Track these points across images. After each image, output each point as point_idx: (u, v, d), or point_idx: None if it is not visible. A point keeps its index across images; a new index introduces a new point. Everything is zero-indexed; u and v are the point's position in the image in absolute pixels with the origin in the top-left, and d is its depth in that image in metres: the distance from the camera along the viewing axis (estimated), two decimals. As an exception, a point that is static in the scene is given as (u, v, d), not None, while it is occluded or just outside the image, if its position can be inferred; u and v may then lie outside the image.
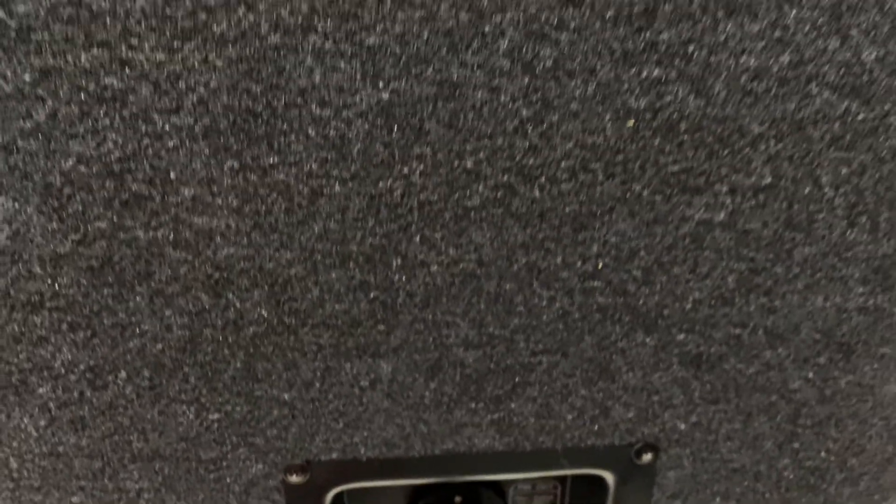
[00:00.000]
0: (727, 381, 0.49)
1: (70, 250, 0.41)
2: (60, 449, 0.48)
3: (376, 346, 0.45)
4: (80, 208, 0.40)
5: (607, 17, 0.37)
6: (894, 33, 0.38)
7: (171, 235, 0.41)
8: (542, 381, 0.48)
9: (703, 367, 0.48)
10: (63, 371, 0.45)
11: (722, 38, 0.38)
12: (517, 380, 0.48)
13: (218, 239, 0.41)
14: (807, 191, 0.42)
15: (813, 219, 0.43)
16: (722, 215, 0.43)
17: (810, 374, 0.49)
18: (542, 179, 0.41)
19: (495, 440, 0.50)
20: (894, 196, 0.43)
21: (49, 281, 0.42)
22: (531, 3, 0.36)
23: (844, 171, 0.42)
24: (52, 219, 0.40)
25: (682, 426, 0.51)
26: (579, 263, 0.44)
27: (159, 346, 0.44)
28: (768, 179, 0.42)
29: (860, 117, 0.40)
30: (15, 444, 0.48)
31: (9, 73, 0.36)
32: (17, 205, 0.39)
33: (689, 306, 0.46)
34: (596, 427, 0.50)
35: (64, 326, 0.43)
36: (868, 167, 0.42)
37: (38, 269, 0.41)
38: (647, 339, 0.47)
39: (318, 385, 0.47)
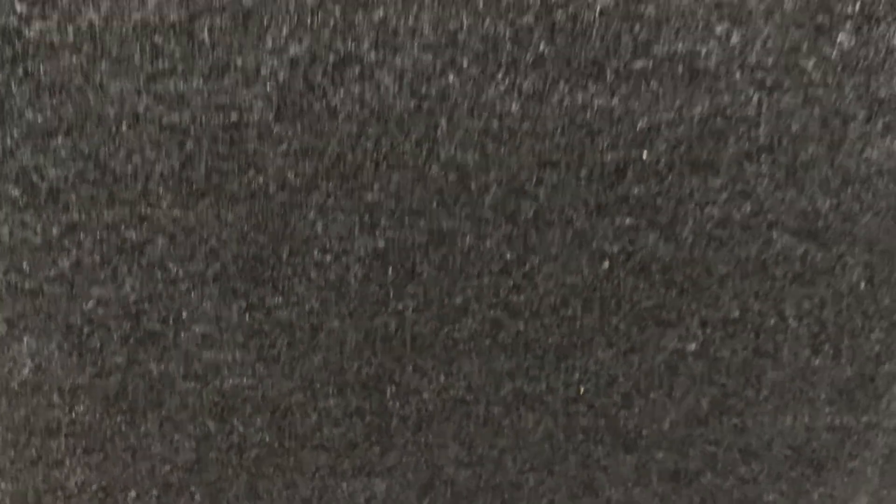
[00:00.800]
0: (705, 494, 0.52)
1: (87, 382, 0.44)
2: (70, 563, 0.50)
3: (371, 466, 0.48)
4: (98, 345, 0.43)
5: (581, 175, 0.40)
6: (845, 185, 0.42)
7: (182, 368, 0.44)
8: (530, 498, 0.50)
9: (682, 482, 0.51)
10: (76, 491, 0.48)
11: (687, 191, 0.41)
12: (506, 496, 0.50)
13: (225, 371, 0.44)
14: (772, 322, 0.46)
15: (779, 347, 0.47)
16: (694, 346, 0.46)
17: (784, 488, 0.52)
18: (526, 314, 0.44)
19: (485, 551, 0.53)
20: (854, 326, 0.46)
21: (67, 409, 0.45)
22: (513, 164, 0.40)
23: (807, 304, 0.45)
24: (72, 354, 0.43)
25: (664, 537, 0.53)
26: (562, 389, 0.47)
27: (167, 467, 0.47)
28: (736, 313, 0.45)
29: (819, 258, 0.44)
30: (27, 558, 0.50)
31: (38, 228, 0.40)
32: (39, 343, 0.43)
33: (666, 427, 0.49)
34: None
35: (79, 451, 0.46)
36: (828, 301, 0.45)
37: (56, 399, 0.44)
38: (628, 457, 0.50)
39: (315, 503, 0.49)
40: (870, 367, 0.48)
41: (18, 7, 0.35)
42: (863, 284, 0.45)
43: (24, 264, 0.41)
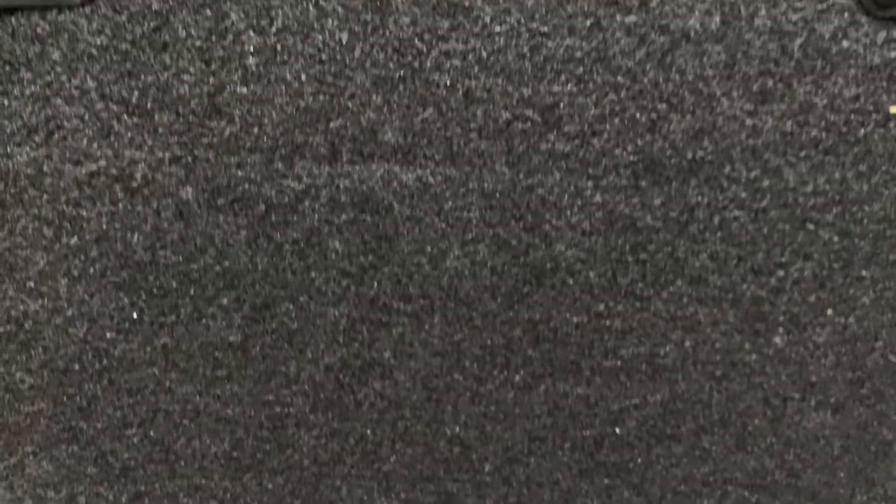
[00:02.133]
0: None
1: None
2: None
3: None
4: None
5: (565, 447, 0.48)
6: (787, 449, 0.50)
7: None
8: None
9: None
10: None
11: (654, 457, 0.49)
12: None
13: None
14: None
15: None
16: None
17: None
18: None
19: None
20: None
21: None
22: (507, 440, 0.48)
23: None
24: None
25: None
26: None
27: None
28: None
29: (770, 506, 0.52)
30: None
31: (110, 497, 0.47)
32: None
33: None
34: None
35: None
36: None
37: None
38: None
39: None
40: (822, 592, 0.55)
41: (108, 334, 0.43)
42: (809, 526, 0.52)
43: (95, 525, 0.48)
